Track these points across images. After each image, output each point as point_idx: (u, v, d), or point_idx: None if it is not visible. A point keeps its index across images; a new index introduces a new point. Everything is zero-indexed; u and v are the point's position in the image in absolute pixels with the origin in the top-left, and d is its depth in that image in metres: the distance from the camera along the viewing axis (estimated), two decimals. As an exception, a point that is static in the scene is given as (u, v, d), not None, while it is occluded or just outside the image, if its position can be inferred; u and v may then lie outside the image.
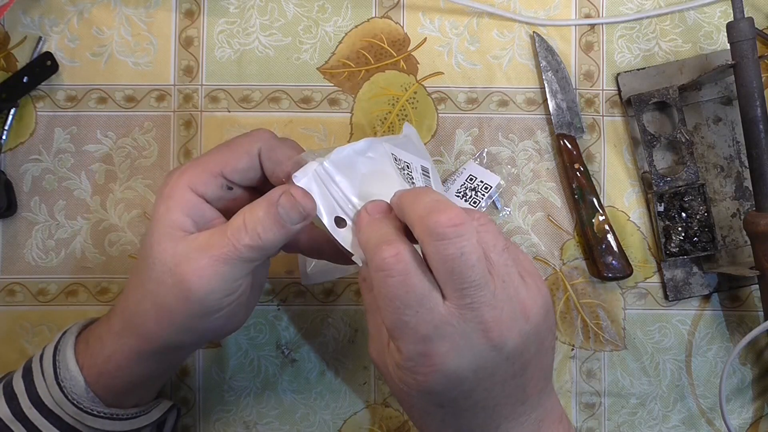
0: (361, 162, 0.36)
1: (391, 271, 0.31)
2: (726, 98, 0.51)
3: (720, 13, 0.51)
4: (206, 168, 0.37)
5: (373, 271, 0.32)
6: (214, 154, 0.38)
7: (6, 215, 0.49)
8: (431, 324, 0.30)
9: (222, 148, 0.38)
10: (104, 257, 0.50)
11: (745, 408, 0.51)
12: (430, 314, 0.31)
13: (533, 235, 0.50)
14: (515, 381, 0.33)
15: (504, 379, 0.32)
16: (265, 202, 0.35)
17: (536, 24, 0.51)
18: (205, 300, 0.35)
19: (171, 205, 0.36)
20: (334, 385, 0.50)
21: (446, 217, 0.30)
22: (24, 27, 0.50)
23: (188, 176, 0.37)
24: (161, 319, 0.37)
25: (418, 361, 0.31)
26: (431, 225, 0.30)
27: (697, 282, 0.50)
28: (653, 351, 0.50)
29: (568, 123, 0.50)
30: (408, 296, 0.31)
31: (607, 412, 0.50)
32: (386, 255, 0.31)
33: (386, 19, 0.51)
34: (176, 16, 0.50)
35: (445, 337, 0.31)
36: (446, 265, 0.30)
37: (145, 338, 0.38)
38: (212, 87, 0.50)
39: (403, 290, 0.31)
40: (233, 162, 0.38)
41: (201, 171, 0.37)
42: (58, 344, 0.40)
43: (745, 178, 0.51)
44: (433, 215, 0.31)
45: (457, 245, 0.30)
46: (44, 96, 0.50)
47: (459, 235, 0.30)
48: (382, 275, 0.31)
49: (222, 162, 0.37)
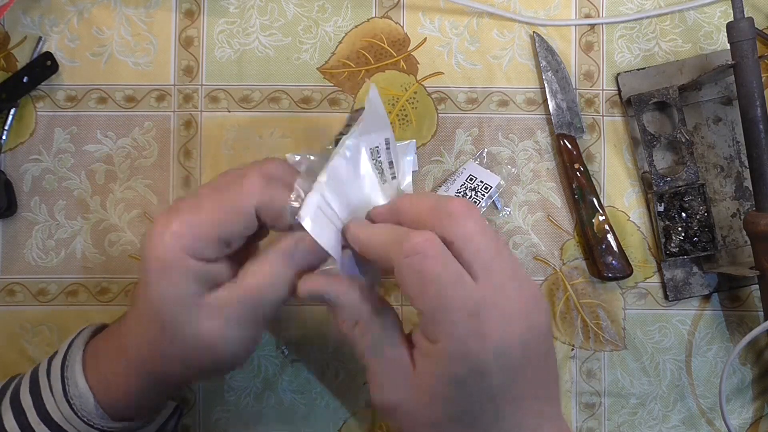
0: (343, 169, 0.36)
1: (426, 252, 0.31)
2: (726, 98, 0.51)
3: (720, 13, 0.51)
4: (204, 233, 0.35)
5: (405, 256, 0.31)
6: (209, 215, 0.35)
7: (6, 215, 0.49)
8: (474, 299, 0.31)
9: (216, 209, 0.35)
10: (104, 257, 0.50)
11: (745, 408, 0.51)
12: (470, 290, 0.31)
13: (533, 235, 0.50)
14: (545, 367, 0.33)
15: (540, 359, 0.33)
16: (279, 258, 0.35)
17: (536, 24, 0.51)
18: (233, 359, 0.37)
19: (173, 276, 0.34)
20: (334, 385, 0.50)
21: (456, 202, 0.33)
22: (24, 27, 0.50)
23: (187, 242, 0.34)
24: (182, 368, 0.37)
25: (470, 339, 0.31)
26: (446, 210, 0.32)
27: (697, 282, 0.50)
28: (653, 351, 0.50)
29: (568, 123, 0.50)
30: (448, 273, 0.31)
31: (607, 412, 0.50)
32: (418, 239, 0.31)
33: (386, 19, 0.51)
34: (176, 16, 0.50)
35: (490, 309, 0.31)
36: (473, 242, 0.32)
37: (160, 376, 0.38)
38: (212, 87, 0.50)
39: (442, 268, 0.31)
40: (230, 226, 0.35)
41: (199, 237, 0.34)
42: (65, 359, 0.39)
43: (745, 178, 0.51)
44: (443, 202, 0.33)
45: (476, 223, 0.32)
46: (44, 96, 0.50)
47: (473, 215, 0.32)
48: (418, 258, 0.31)
49: (220, 227, 0.35)
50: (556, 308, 0.50)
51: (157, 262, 0.34)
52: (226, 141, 0.50)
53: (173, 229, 0.34)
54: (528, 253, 0.50)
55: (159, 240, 0.34)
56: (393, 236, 0.33)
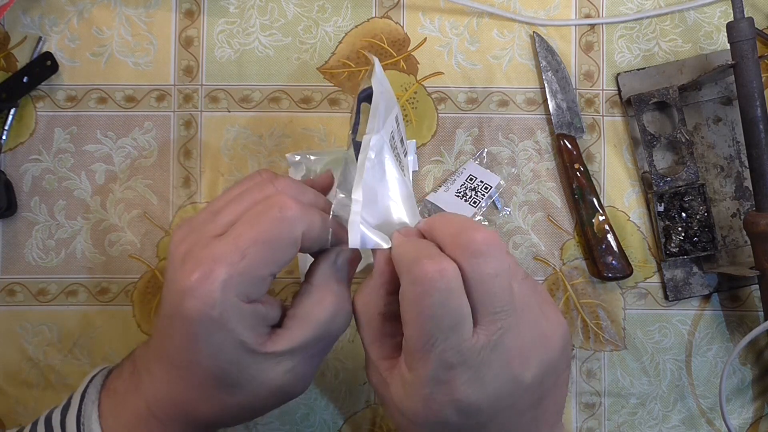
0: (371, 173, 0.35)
1: (432, 288, 0.29)
2: (726, 98, 0.51)
3: (720, 13, 0.51)
4: (255, 274, 0.32)
5: (410, 284, 0.30)
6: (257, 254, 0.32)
7: (6, 215, 0.49)
8: (458, 351, 0.29)
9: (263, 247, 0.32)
10: (104, 257, 0.50)
11: (745, 408, 0.51)
12: (459, 341, 0.29)
13: (533, 235, 0.50)
14: (530, 413, 0.32)
15: (521, 411, 0.31)
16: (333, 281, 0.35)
17: (536, 24, 0.51)
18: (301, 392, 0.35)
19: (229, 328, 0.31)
20: (334, 385, 0.50)
21: (481, 236, 0.30)
22: (24, 27, 0.50)
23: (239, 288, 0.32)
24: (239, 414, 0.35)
25: (435, 388, 0.30)
26: (467, 241, 0.30)
27: (697, 282, 0.50)
28: (653, 351, 0.50)
29: (568, 123, 0.50)
30: (444, 318, 0.29)
31: (607, 412, 0.50)
32: (429, 269, 0.29)
33: (386, 19, 0.51)
34: (176, 16, 0.50)
35: (469, 367, 0.29)
36: (484, 285, 0.29)
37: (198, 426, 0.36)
38: (212, 87, 0.50)
39: (440, 311, 0.29)
40: (281, 259, 0.33)
41: (251, 279, 0.32)
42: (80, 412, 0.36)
43: (745, 178, 0.51)
44: (468, 232, 0.30)
45: (493, 265, 0.30)
46: (44, 96, 0.50)
47: (494, 254, 0.30)
48: (420, 291, 0.29)
49: (271, 263, 0.33)
50: (556, 308, 0.50)
51: (207, 316, 0.31)
52: (226, 141, 0.50)
53: (221, 277, 0.31)
54: (528, 253, 0.50)
55: (205, 291, 0.31)
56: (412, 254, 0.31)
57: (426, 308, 0.29)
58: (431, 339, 0.29)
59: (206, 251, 0.32)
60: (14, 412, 0.49)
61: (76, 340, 0.50)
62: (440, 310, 0.29)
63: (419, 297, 0.29)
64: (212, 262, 0.31)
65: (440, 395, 0.30)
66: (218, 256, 0.31)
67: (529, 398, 0.31)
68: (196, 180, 0.50)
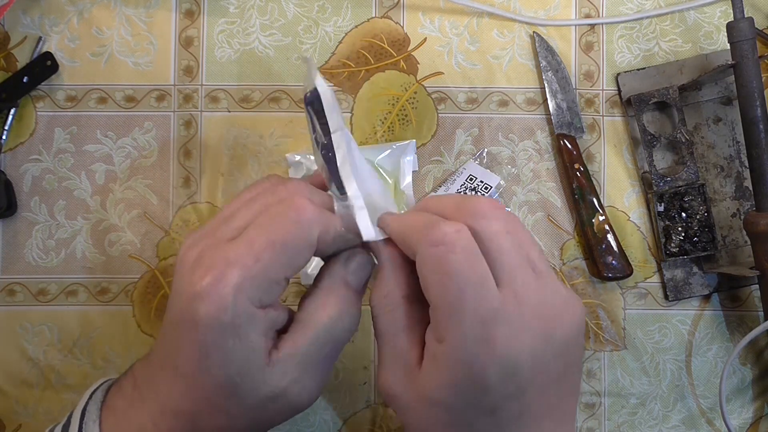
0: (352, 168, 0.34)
1: (454, 246, 0.29)
2: (726, 98, 0.51)
3: (720, 13, 0.51)
4: (269, 278, 0.31)
5: (430, 247, 0.29)
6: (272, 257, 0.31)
7: (6, 215, 0.49)
8: (491, 306, 0.29)
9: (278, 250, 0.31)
10: (104, 257, 0.50)
11: (745, 408, 0.51)
12: (489, 296, 0.29)
13: (533, 235, 0.50)
14: (559, 386, 0.31)
15: (552, 378, 0.31)
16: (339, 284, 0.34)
17: (536, 24, 0.51)
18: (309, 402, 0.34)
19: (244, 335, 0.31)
20: (334, 385, 0.50)
21: (484, 200, 0.31)
22: (24, 27, 0.50)
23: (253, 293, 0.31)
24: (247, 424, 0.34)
25: (475, 348, 0.29)
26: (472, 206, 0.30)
27: (697, 282, 0.50)
28: (653, 351, 0.50)
29: (568, 123, 0.50)
30: (470, 273, 0.29)
31: (607, 412, 0.50)
32: (448, 230, 0.29)
33: (386, 19, 0.51)
34: (176, 16, 0.50)
35: (504, 321, 0.29)
36: (497, 242, 0.30)
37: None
38: (212, 87, 0.50)
39: (466, 266, 0.29)
40: (296, 262, 0.32)
41: (265, 282, 0.31)
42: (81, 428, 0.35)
43: (745, 178, 0.51)
44: (470, 200, 0.31)
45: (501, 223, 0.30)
46: (44, 96, 0.50)
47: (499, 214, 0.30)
48: (443, 250, 0.29)
49: (287, 267, 0.32)
50: (556, 308, 0.50)
51: (219, 321, 0.30)
52: (226, 141, 0.50)
53: (234, 281, 0.30)
54: (528, 253, 0.50)
55: (217, 295, 0.30)
56: (423, 222, 0.31)
57: (452, 266, 0.29)
58: (461, 297, 0.29)
59: (219, 255, 0.31)
60: (14, 412, 0.49)
61: (76, 340, 0.50)
62: (466, 265, 0.29)
63: (443, 257, 0.29)
64: (225, 266, 0.30)
65: (481, 354, 0.29)
66: (231, 259, 0.31)
67: (558, 364, 0.30)
68: (196, 180, 0.50)
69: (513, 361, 0.29)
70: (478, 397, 0.30)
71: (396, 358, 0.32)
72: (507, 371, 0.29)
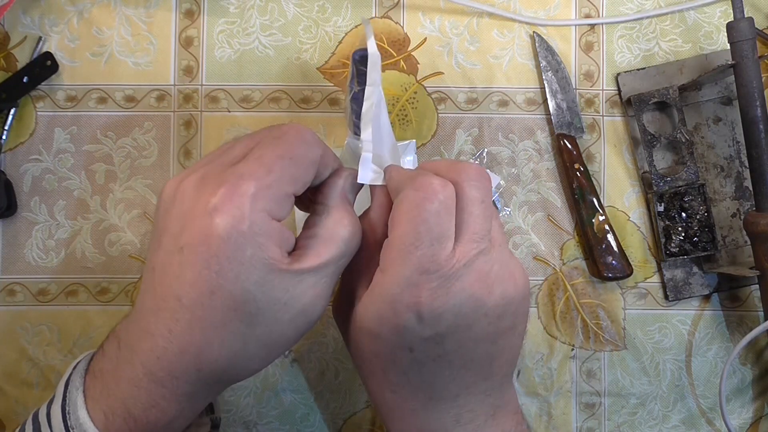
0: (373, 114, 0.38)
1: (433, 197, 0.32)
2: (726, 98, 0.51)
3: (720, 13, 0.51)
4: (281, 190, 0.32)
5: (413, 190, 0.32)
6: (283, 170, 0.32)
7: (6, 215, 0.49)
8: (435, 260, 0.31)
9: (288, 163, 0.32)
10: (104, 257, 0.50)
11: (745, 408, 0.51)
12: (441, 253, 0.32)
13: (533, 235, 0.50)
14: (486, 346, 0.34)
15: (477, 338, 0.33)
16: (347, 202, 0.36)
17: (536, 24, 0.51)
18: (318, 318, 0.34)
19: (263, 241, 0.31)
20: (334, 385, 0.50)
21: (474, 166, 0.34)
22: (24, 27, 0.50)
23: (267, 203, 0.31)
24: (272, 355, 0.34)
25: (404, 289, 0.32)
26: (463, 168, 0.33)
27: (697, 282, 0.50)
28: (653, 351, 0.50)
29: (568, 123, 0.50)
30: (435, 228, 0.32)
31: (607, 412, 0.50)
32: (434, 181, 0.32)
33: (386, 19, 0.51)
34: (176, 16, 0.50)
35: (439, 276, 0.32)
36: (472, 207, 0.33)
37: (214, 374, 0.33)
38: (212, 87, 0.50)
39: (435, 220, 0.32)
40: (305, 177, 0.33)
41: (277, 194, 0.32)
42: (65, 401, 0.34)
43: (745, 178, 0.51)
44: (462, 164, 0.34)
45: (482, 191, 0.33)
46: (44, 96, 0.50)
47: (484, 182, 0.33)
48: (422, 196, 0.32)
49: (295, 180, 0.33)
50: (556, 308, 0.50)
51: (237, 230, 0.30)
52: (226, 141, 0.50)
53: (251, 191, 0.30)
54: (528, 253, 0.50)
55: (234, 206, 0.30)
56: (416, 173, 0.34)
57: (423, 212, 0.31)
58: (417, 241, 0.31)
59: (228, 171, 0.31)
60: (14, 412, 0.49)
61: (76, 340, 0.50)
62: (435, 218, 0.32)
63: (420, 201, 0.32)
64: (238, 179, 0.31)
65: (407, 296, 0.32)
66: (244, 173, 0.31)
67: (486, 327, 0.33)
68: (196, 180, 0.50)
69: (433, 311, 0.32)
70: (397, 333, 0.32)
71: (348, 289, 0.35)
72: (424, 318, 0.32)
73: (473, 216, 0.33)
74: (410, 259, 0.32)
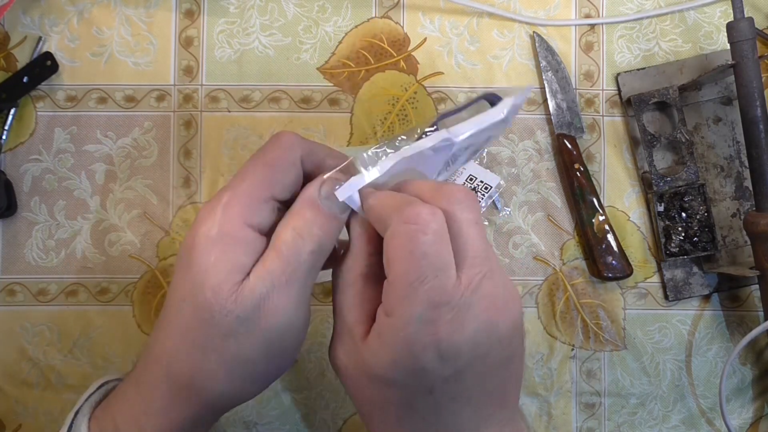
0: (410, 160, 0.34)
1: (425, 228, 0.30)
2: (726, 98, 0.51)
3: (720, 13, 0.51)
4: (255, 195, 0.32)
5: (402, 224, 0.30)
6: (256, 175, 0.33)
7: (6, 215, 0.49)
8: (444, 291, 0.30)
9: (261, 168, 0.33)
10: (104, 257, 0.50)
11: (745, 408, 0.51)
12: (447, 282, 0.30)
13: (533, 235, 0.50)
14: (501, 373, 0.32)
15: (494, 364, 0.32)
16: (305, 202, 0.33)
17: (536, 24, 0.51)
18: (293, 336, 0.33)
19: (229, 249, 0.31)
20: (334, 385, 0.50)
21: (459, 188, 0.32)
22: (24, 27, 0.50)
23: (239, 209, 0.32)
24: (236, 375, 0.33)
25: (419, 327, 0.30)
26: (448, 191, 0.31)
27: (697, 282, 0.50)
28: (653, 351, 0.50)
29: (568, 123, 0.50)
30: (435, 257, 0.30)
31: (607, 412, 0.50)
32: (423, 210, 0.30)
33: (386, 19, 0.51)
34: (176, 16, 0.50)
35: (452, 307, 0.30)
36: (467, 230, 0.31)
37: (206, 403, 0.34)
38: (212, 87, 0.50)
39: (432, 249, 0.30)
40: (282, 179, 0.33)
41: (251, 200, 0.32)
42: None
43: (745, 178, 0.51)
44: (446, 186, 0.32)
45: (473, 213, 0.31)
46: (44, 96, 0.50)
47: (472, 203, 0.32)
48: (413, 229, 0.30)
49: (270, 183, 0.33)
50: (556, 308, 0.50)
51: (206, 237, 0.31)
52: (226, 141, 0.50)
53: (224, 200, 0.32)
54: (528, 253, 0.50)
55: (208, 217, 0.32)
56: (400, 201, 0.31)
57: (419, 246, 0.30)
58: (421, 277, 0.30)
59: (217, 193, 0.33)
60: (14, 412, 0.49)
61: (76, 340, 0.50)
62: (432, 248, 0.30)
63: (413, 235, 0.30)
64: (219, 192, 0.33)
65: (424, 335, 0.30)
66: (225, 188, 0.33)
67: (501, 353, 0.32)
68: (196, 180, 0.50)
69: (453, 346, 0.30)
70: (416, 376, 0.30)
71: (346, 330, 0.33)
72: (445, 355, 0.30)
73: (471, 239, 0.31)
74: (418, 295, 0.30)
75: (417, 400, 0.31)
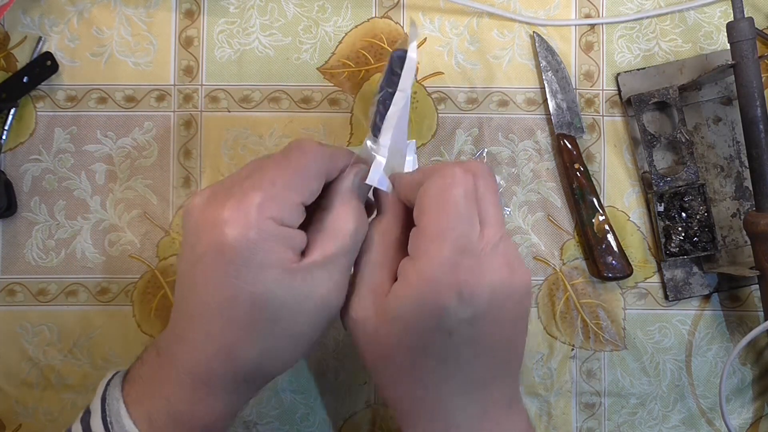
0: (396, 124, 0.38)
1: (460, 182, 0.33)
2: (726, 98, 0.51)
3: (720, 13, 0.51)
4: (285, 200, 0.34)
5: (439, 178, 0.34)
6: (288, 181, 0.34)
7: (6, 215, 0.49)
8: (470, 241, 0.33)
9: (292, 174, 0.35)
10: (104, 257, 0.50)
11: (745, 408, 0.51)
12: (471, 233, 0.33)
13: (533, 235, 0.50)
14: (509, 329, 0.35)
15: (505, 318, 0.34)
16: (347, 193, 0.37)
17: (536, 24, 0.51)
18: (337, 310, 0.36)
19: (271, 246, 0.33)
20: (334, 385, 0.50)
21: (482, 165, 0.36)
22: (24, 27, 0.50)
23: (270, 211, 0.33)
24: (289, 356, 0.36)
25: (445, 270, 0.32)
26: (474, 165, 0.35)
27: (697, 282, 0.50)
28: (653, 351, 0.50)
29: (568, 123, 0.50)
30: (465, 209, 0.33)
31: (607, 412, 0.50)
32: (458, 169, 0.34)
33: (386, 19, 0.51)
34: (176, 16, 0.50)
35: (474, 256, 0.33)
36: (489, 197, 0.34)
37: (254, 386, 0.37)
38: (212, 87, 0.50)
39: (464, 202, 0.33)
40: (309, 186, 0.35)
41: (281, 204, 0.34)
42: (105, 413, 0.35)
43: (745, 178, 0.51)
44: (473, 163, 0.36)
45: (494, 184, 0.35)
46: (44, 96, 0.50)
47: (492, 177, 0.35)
48: (448, 182, 0.33)
49: (302, 190, 0.35)
50: (556, 308, 0.50)
51: (246, 238, 0.32)
52: (226, 141, 0.50)
53: (256, 201, 0.33)
54: (528, 253, 0.50)
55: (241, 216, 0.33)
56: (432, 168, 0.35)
57: (453, 196, 0.33)
58: (452, 223, 0.33)
59: (236, 187, 0.34)
60: (14, 412, 0.49)
61: (76, 340, 0.50)
62: (464, 201, 0.33)
63: (447, 188, 0.33)
64: (244, 193, 0.33)
65: (448, 277, 0.32)
66: (249, 187, 0.34)
67: (511, 309, 0.34)
68: (196, 180, 0.50)
69: (473, 290, 0.33)
70: (438, 317, 0.33)
71: (369, 286, 0.36)
72: (465, 297, 0.32)
73: (492, 205, 0.34)
74: (448, 240, 0.33)
75: (436, 342, 0.33)
